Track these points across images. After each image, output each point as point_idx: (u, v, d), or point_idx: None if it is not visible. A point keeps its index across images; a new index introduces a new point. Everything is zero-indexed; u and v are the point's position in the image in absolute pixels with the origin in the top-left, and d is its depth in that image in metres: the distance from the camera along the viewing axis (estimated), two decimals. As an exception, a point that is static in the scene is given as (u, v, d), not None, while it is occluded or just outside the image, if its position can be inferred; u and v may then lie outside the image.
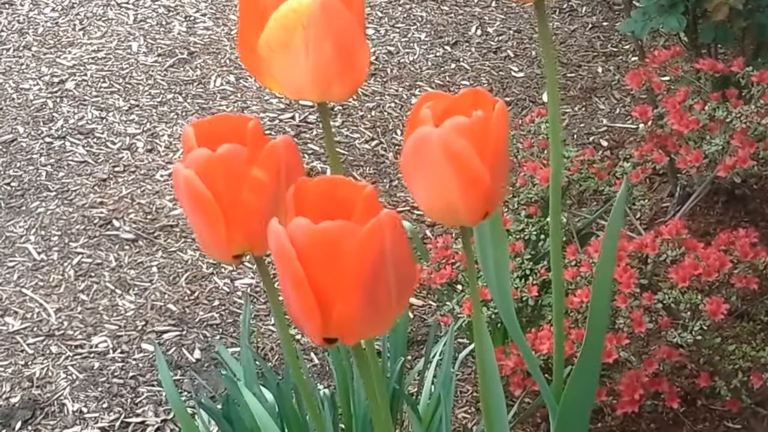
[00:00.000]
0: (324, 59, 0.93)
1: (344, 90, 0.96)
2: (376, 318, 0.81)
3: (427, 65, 2.52)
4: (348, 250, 0.78)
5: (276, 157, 0.89)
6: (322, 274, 0.78)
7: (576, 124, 2.35)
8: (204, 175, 0.88)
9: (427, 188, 0.91)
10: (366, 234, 0.78)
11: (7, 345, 1.85)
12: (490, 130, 0.89)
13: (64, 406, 1.75)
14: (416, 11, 2.71)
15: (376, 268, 0.79)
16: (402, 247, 0.80)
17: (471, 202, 0.90)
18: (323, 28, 0.92)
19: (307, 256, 0.78)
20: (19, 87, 2.42)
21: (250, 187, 0.89)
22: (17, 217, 2.09)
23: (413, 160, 0.90)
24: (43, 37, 2.59)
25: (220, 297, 1.94)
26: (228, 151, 0.88)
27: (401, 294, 0.82)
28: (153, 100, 2.38)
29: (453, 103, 0.91)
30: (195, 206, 0.90)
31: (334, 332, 0.80)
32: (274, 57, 0.93)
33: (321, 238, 0.78)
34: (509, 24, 2.68)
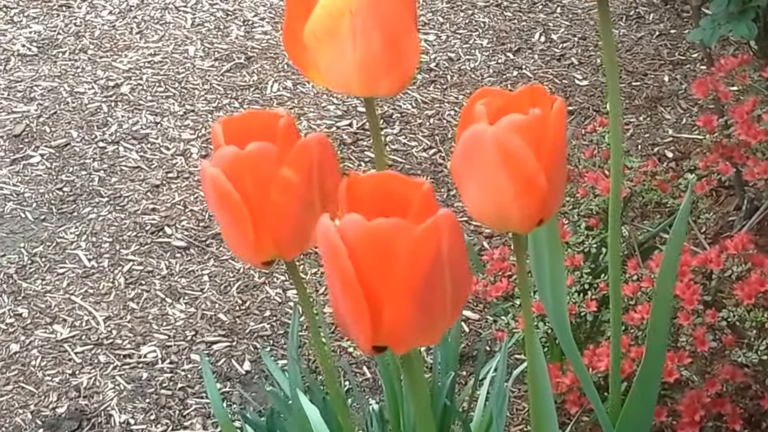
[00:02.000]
0: (372, 49, 0.89)
1: (393, 84, 0.91)
2: (429, 325, 0.76)
3: (488, 72, 2.47)
4: (402, 250, 0.73)
5: (308, 156, 0.85)
6: (374, 274, 0.73)
7: (641, 134, 2.28)
8: (231, 174, 0.84)
9: (478, 190, 0.86)
10: (422, 233, 0.73)
11: (55, 354, 1.82)
12: (547, 129, 0.84)
13: (111, 417, 1.73)
14: (478, 17, 2.66)
15: (431, 271, 0.74)
16: (459, 251, 0.76)
17: (525, 207, 0.85)
18: (372, 14, 0.88)
19: (359, 255, 0.73)
20: (74, 91, 2.40)
21: (278, 187, 0.84)
22: (68, 223, 2.06)
23: (465, 159, 0.85)
24: (99, 41, 2.57)
25: (272, 307, 1.90)
26: (257, 149, 0.84)
27: (456, 300, 0.77)
28: (209, 105, 2.35)
29: (509, 101, 0.86)
30: (222, 207, 0.85)
31: (384, 339, 0.75)
32: (320, 47, 0.89)
33: (374, 235, 0.73)
34: (574, 31, 2.61)
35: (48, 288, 1.94)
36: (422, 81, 2.43)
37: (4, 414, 1.73)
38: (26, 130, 2.28)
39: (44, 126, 2.30)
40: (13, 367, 1.80)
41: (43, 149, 2.24)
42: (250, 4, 2.68)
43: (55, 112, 2.34)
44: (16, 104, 2.36)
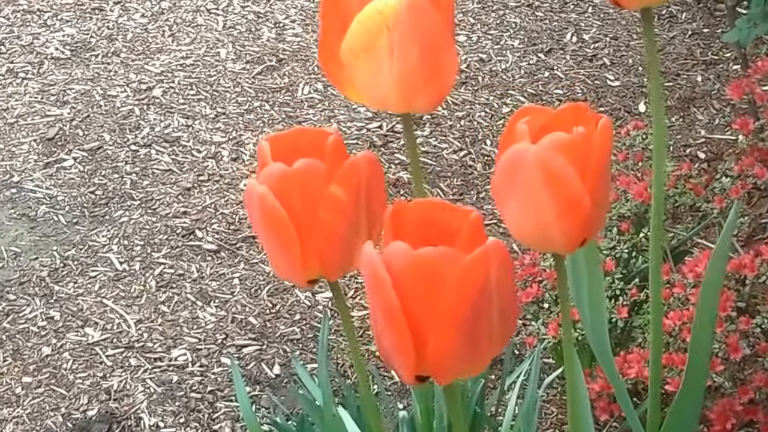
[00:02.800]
0: (410, 65, 0.87)
1: (430, 100, 0.90)
2: (474, 356, 0.75)
3: (519, 73, 2.46)
4: (449, 280, 0.72)
5: (356, 174, 0.84)
6: (419, 304, 0.72)
7: (673, 136, 2.26)
8: (279, 192, 0.83)
9: (520, 210, 0.84)
10: (470, 263, 0.72)
11: (87, 356, 1.83)
12: (592, 148, 0.82)
13: (140, 420, 1.73)
14: (510, 17, 2.65)
15: (479, 302, 0.73)
16: (507, 281, 0.74)
17: (568, 228, 0.83)
18: (409, 29, 0.87)
19: (404, 285, 0.72)
20: (106, 94, 2.41)
21: (327, 205, 0.83)
22: (100, 227, 2.07)
23: (506, 179, 0.83)
24: (131, 44, 2.58)
25: (302, 311, 1.90)
26: (305, 167, 0.83)
27: (503, 331, 0.75)
28: (240, 108, 2.36)
29: (551, 119, 0.85)
30: (269, 226, 0.84)
31: (428, 370, 0.74)
32: (357, 63, 0.88)
33: (420, 265, 0.71)
34: (606, 31, 2.60)
35: (80, 291, 1.95)
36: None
37: (36, 417, 1.74)
38: (59, 134, 2.30)
39: (77, 129, 2.31)
40: (45, 370, 1.81)
41: (76, 152, 2.25)
42: (281, 7, 2.68)
43: (87, 115, 2.35)
44: (49, 108, 2.37)
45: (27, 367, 1.81)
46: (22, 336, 1.86)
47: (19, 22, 2.66)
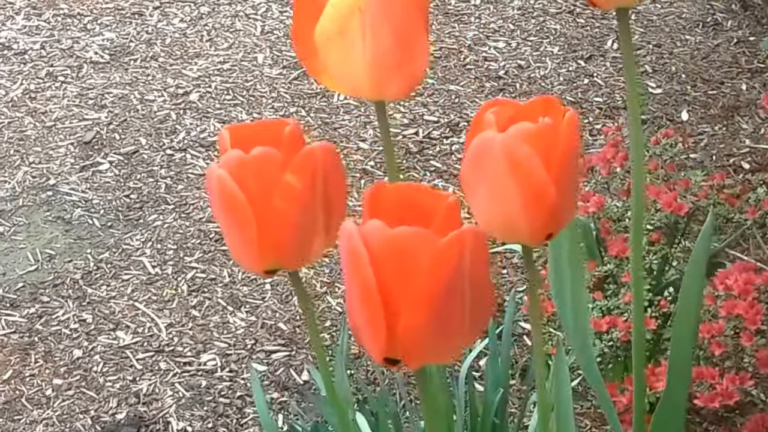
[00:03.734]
0: (382, 47, 0.88)
1: (402, 86, 0.90)
2: (444, 341, 0.75)
3: (558, 80, 2.43)
4: (423, 261, 0.72)
5: (312, 162, 0.84)
6: (393, 283, 0.73)
7: (715, 145, 2.23)
8: (236, 177, 0.83)
9: (486, 199, 0.84)
10: (444, 246, 0.72)
11: (117, 360, 1.83)
12: (558, 139, 0.82)
13: (169, 424, 1.73)
14: (550, 24, 2.63)
15: (451, 285, 0.73)
16: (482, 268, 0.74)
17: (533, 219, 0.83)
18: (381, 12, 0.87)
19: (379, 262, 0.72)
20: (144, 98, 2.42)
21: (281, 192, 0.83)
22: (134, 230, 2.08)
23: (473, 167, 0.83)
24: (170, 48, 2.59)
25: (333, 317, 1.89)
26: (261, 154, 0.83)
27: (475, 320, 0.76)
28: (276, 114, 2.35)
29: (520, 111, 0.85)
30: (227, 209, 0.85)
31: (397, 351, 0.74)
32: (330, 47, 0.89)
33: (395, 243, 0.72)
34: (648, 38, 2.57)
35: (112, 294, 1.95)
36: (490, 89, 2.41)
37: (65, 419, 1.74)
38: (96, 137, 2.31)
39: (114, 133, 2.32)
40: (76, 373, 1.81)
41: (112, 156, 2.26)
42: (320, 12, 2.68)
43: (125, 119, 2.36)
44: (87, 111, 2.39)
45: (58, 369, 1.82)
46: (54, 338, 1.87)
47: (60, 26, 2.68)
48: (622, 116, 2.32)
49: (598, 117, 2.32)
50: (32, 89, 2.46)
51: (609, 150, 1.74)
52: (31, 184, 2.19)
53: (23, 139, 2.31)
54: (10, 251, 2.04)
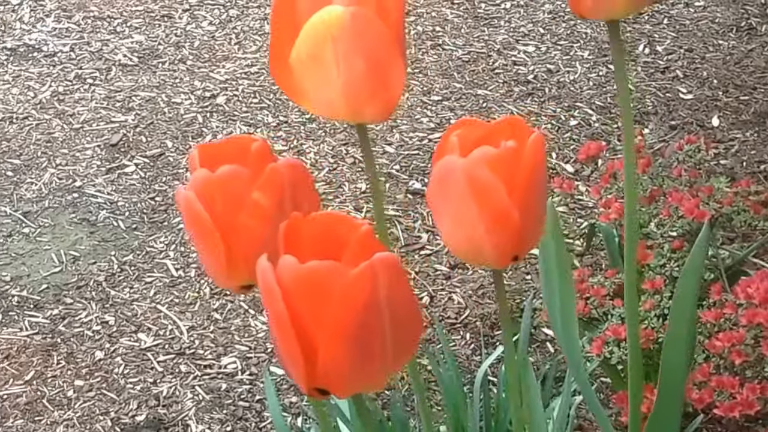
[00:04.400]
0: (355, 74, 0.87)
1: (378, 111, 0.90)
2: (368, 370, 0.75)
3: (588, 85, 2.41)
4: (335, 294, 0.72)
5: (278, 180, 0.85)
6: (308, 317, 0.73)
7: (746, 151, 2.20)
8: (203, 197, 0.84)
9: (451, 224, 0.85)
10: (354, 277, 0.72)
11: (138, 362, 1.83)
12: (521, 163, 0.82)
13: (188, 427, 1.73)
14: (581, 27, 2.60)
15: (366, 316, 0.73)
16: (401, 295, 0.74)
17: (497, 242, 0.83)
18: (354, 40, 0.86)
19: (294, 297, 0.73)
20: (171, 101, 2.42)
21: (248, 210, 0.84)
22: (159, 233, 2.08)
23: (438, 191, 0.84)
24: (198, 51, 2.59)
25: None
26: (227, 172, 0.84)
27: (400, 347, 0.75)
28: (302, 117, 2.35)
29: (486, 133, 0.85)
30: (195, 229, 0.86)
31: (320, 382, 0.75)
32: (306, 72, 0.88)
33: (307, 278, 0.72)
34: (681, 42, 2.54)
35: (135, 296, 1.95)
36: (519, 93, 2.39)
37: (85, 420, 1.74)
38: (123, 140, 2.31)
39: (140, 136, 2.32)
40: (97, 374, 1.82)
41: (138, 159, 2.26)
42: (349, 15, 2.68)
43: (151, 122, 2.36)
44: (114, 114, 2.39)
45: (80, 371, 1.82)
46: (76, 339, 1.88)
47: (90, 29, 2.69)
48: (652, 121, 2.29)
49: (628, 122, 2.29)
50: (60, 91, 2.47)
51: (632, 155, 1.72)
52: (57, 186, 2.20)
53: (51, 141, 2.32)
54: (35, 252, 2.05)
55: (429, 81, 2.45)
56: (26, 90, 2.48)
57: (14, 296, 1.95)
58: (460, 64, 2.51)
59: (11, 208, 2.15)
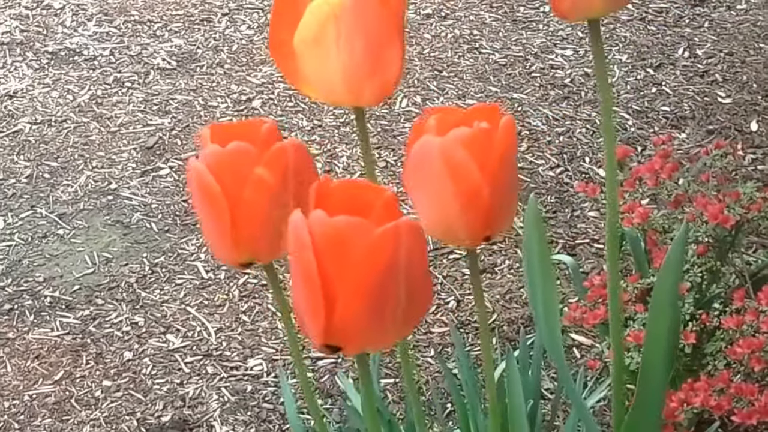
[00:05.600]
0: (355, 55, 0.91)
1: (375, 93, 0.94)
2: (379, 330, 0.79)
3: (625, 89, 2.40)
4: (359, 250, 0.76)
5: (283, 158, 0.88)
6: (333, 269, 0.77)
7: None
8: (213, 170, 0.88)
9: (427, 203, 0.89)
10: (379, 236, 0.76)
11: (166, 363, 1.85)
12: (493, 144, 0.86)
13: (212, 428, 1.74)
14: (620, 31, 2.59)
15: (386, 274, 0.77)
16: (419, 260, 0.78)
17: (470, 221, 0.87)
18: (355, 20, 0.91)
19: (321, 250, 0.77)
20: (207, 104, 2.44)
21: (253, 185, 0.88)
22: (191, 235, 2.10)
23: (415, 171, 0.89)
24: (236, 55, 2.61)
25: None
26: (236, 148, 0.88)
27: (411, 312, 0.80)
28: (336, 121, 2.36)
29: (463, 117, 0.89)
30: (204, 200, 0.89)
31: (335, 337, 0.78)
32: (307, 53, 0.92)
33: (335, 232, 0.76)
34: (721, 46, 2.51)
35: (165, 298, 1.97)
36: (555, 97, 2.38)
37: (112, 420, 1.76)
38: (158, 143, 2.34)
39: (176, 139, 2.35)
40: (125, 375, 1.84)
41: (172, 162, 2.28)
42: (387, 19, 2.68)
43: (187, 125, 2.39)
44: (151, 117, 2.42)
45: (108, 371, 1.84)
46: (106, 340, 1.90)
47: (130, 33, 2.72)
48: (689, 126, 2.27)
49: (664, 126, 2.28)
50: (99, 95, 2.50)
51: (657, 161, 1.70)
52: (92, 188, 2.23)
53: (88, 143, 2.35)
54: (68, 254, 2.08)
55: (464, 84, 2.45)
56: (65, 93, 2.51)
57: (47, 297, 1.98)
58: (496, 68, 2.50)
59: (47, 209, 2.18)
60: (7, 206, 2.19)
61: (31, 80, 2.56)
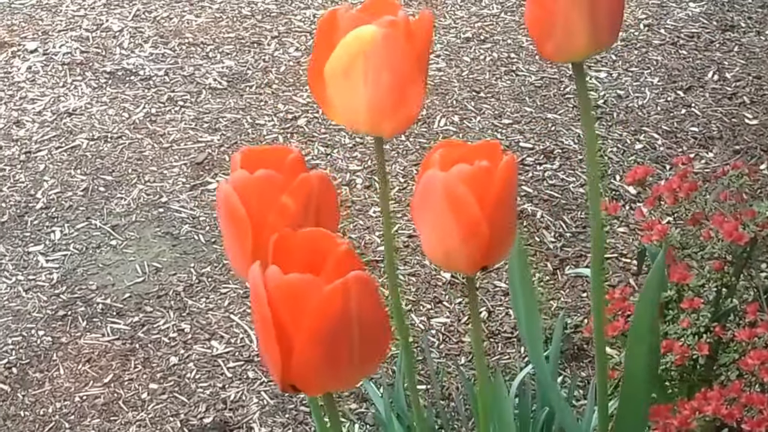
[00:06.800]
0: (380, 90, 0.98)
1: (396, 126, 1.00)
2: (336, 374, 0.84)
3: (655, 110, 2.47)
4: (311, 304, 0.81)
5: (307, 188, 0.94)
6: (288, 322, 0.82)
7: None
8: (241, 194, 0.94)
9: (430, 232, 0.94)
10: (329, 292, 0.81)
11: (209, 368, 1.94)
12: (493, 181, 0.91)
13: (251, 429, 1.82)
14: (652, 55, 2.66)
15: (337, 325, 0.81)
16: (371, 310, 0.83)
17: (469, 251, 0.92)
18: (383, 58, 0.97)
19: (276, 303, 0.81)
20: (255, 122, 2.54)
21: (277, 211, 0.93)
22: (236, 246, 2.19)
23: (421, 202, 0.94)
24: (284, 76, 2.71)
25: (414, 333, 1.97)
26: (264, 176, 0.94)
27: (367, 356, 0.84)
28: (376, 139, 2.45)
29: (467, 152, 0.94)
30: (229, 221, 0.95)
31: (294, 380, 0.83)
32: (337, 84, 0.99)
33: (288, 288, 0.81)
34: (749, 69, 2.58)
35: (210, 306, 2.06)
36: (587, 118, 2.46)
37: (156, 421, 1.85)
38: (207, 159, 2.44)
39: (224, 155, 2.45)
40: (170, 378, 1.92)
41: (220, 177, 2.38)
42: (428, 41, 2.77)
43: (235, 142, 2.49)
44: (201, 134, 2.52)
45: (154, 375, 1.92)
46: (153, 345, 1.99)
47: (184, 54, 2.83)
48: (716, 146, 2.34)
49: (692, 146, 2.35)
50: (153, 113, 2.61)
51: (675, 180, 1.78)
52: (144, 201, 2.33)
53: (141, 159, 2.46)
54: (120, 263, 2.18)
55: (501, 105, 2.53)
56: (121, 111, 2.62)
57: (99, 304, 2.08)
58: (532, 89, 2.58)
59: (101, 221, 2.29)
60: (64, 218, 2.30)
61: (90, 98, 2.67)
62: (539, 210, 2.20)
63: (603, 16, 0.95)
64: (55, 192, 2.36)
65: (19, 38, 2.93)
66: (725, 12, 2.80)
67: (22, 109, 2.64)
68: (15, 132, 2.56)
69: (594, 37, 0.96)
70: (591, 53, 0.98)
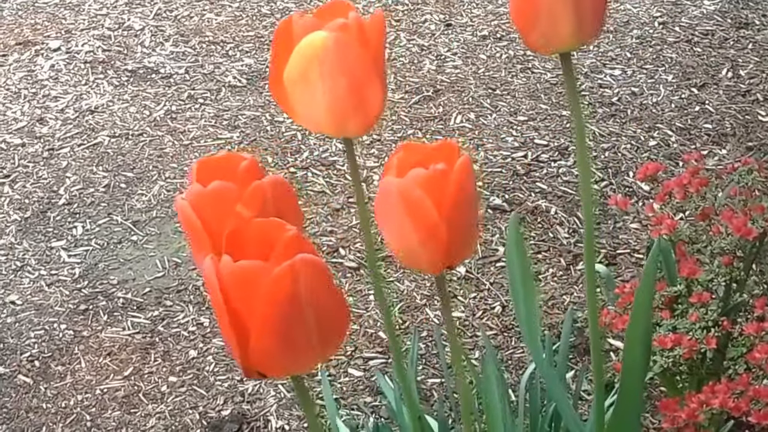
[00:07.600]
0: (339, 93, 0.98)
1: (359, 126, 1.00)
2: (295, 356, 0.85)
3: (669, 107, 2.49)
4: (262, 289, 0.83)
5: (260, 195, 0.94)
6: (242, 308, 0.84)
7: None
8: (195, 207, 0.94)
9: (391, 235, 0.96)
10: (277, 276, 0.82)
11: (228, 361, 1.96)
12: (449, 183, 0.92)
13: (269, 422, 1.85)
14: (667, 52, 2.68)
15: (288, 310, 0.83)
16: (323, 291, 0.84)
17: (430, 253, 0.94)
18: (336, 61, 0.97)
19: (230, 290, 0.83)
20: (274, 120, 2.57)
21: (233, 221, 0.92)
22: (254, 242, 2.22)
23: (381, 207, 0.95)
24: (302, 73, 2.74)
25: (429, 328, 1.99)
26: (217, 187, 0.95)
27: (325, 338, 0.86)
28: (394, 135, 2.48)
29: (426, 155, 0.95)
30: (188, 232, 0.96)
31: (255, 364, 0.85)
32: (296, 90, 0.99)
33: (239, 274, 0.83)
34: (764, 67, 2.59)
35: (229, 301, 2.09)
36: (602, 115, 2.48)
37: (176, 413, 1.88)
38: (227, 155, 2.47)
39: (243, 152, 2.47)
40: (189, 371, 1.94)
41: (239, 173, 2.41)
42: (444, 40, 2.80)
43: (254, 138, 2.52)
44: (221, 131, 2.56)
45: (174, 368, 1.95)
46: (173, 339, 2.02)
47: (204, 53, 2.87)
48: (729, 143, 2.36)
49: (706, 143, 2.37)
50: (174, 110, 2.64)
51: (686, 176, 1.80)
52: (165, 198, 2.36)
53: (162, 156, 2.49)
54: (141, 258, 2.21)
55: (516, 102, 2.56)
56: (143, 109, 2.66)
57: (120, 298, 2.11)
58: (547, 87, 2.61)
59: (122, 217, 2.32)
60: (86, 213, 2.34)
61: (111, 96, 2.71)
62: (553, 206, 2.22)
63: (587, 6, 0.95)
64: (77, 188, 2.40)
65: (43, 37, 2.97)
66: (740, 9, 2.82)
67: (45, 107, 2.68)
68: (38, 129, 2.60)
69: (578, 26, 0.95)
70: (576, 44, 0.98)
